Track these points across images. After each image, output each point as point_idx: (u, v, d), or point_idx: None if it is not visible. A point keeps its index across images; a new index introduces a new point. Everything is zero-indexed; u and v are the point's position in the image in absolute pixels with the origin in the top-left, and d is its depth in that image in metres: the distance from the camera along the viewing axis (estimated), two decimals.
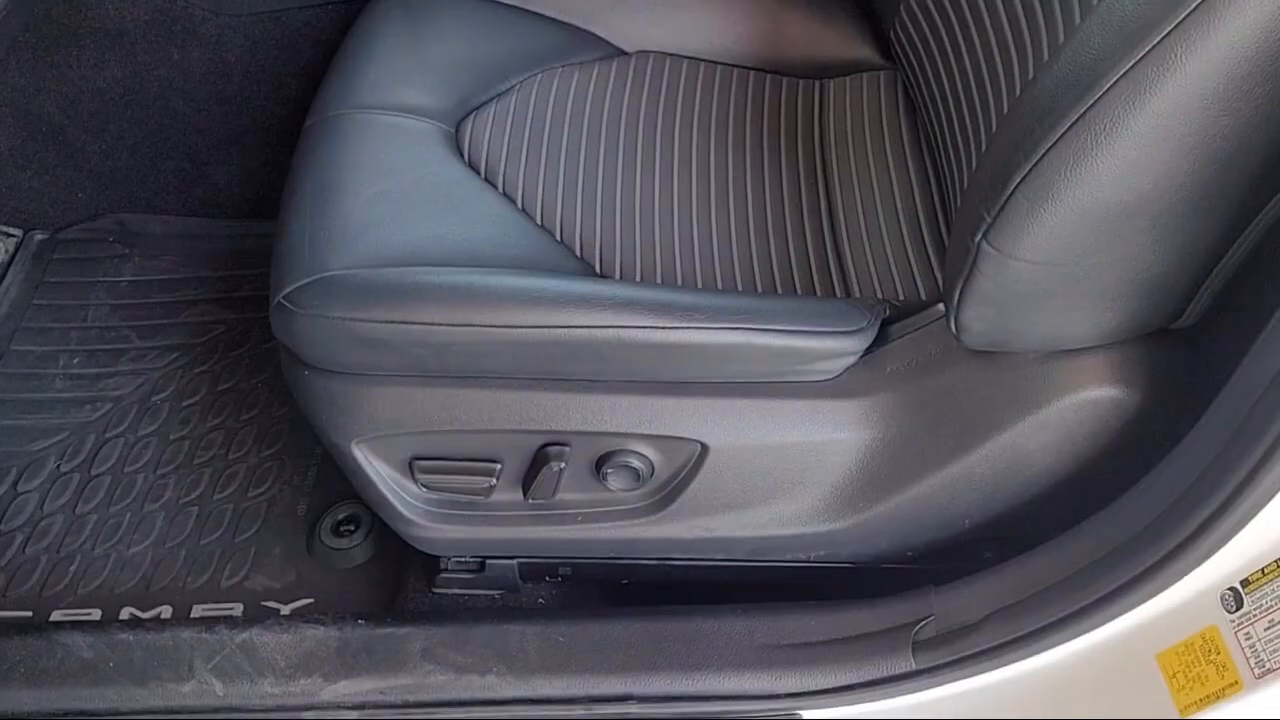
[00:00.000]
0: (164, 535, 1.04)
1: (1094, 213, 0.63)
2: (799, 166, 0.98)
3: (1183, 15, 0.57)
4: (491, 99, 1.00)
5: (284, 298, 0.79)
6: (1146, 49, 0.58)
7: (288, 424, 1.12)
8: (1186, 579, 0.68)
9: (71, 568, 1.02)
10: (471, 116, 0.98)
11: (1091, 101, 0.60)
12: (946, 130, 0.88)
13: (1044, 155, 0.62)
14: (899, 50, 1.01)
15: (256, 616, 0.93)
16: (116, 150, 1.26)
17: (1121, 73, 0.59)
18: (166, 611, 0.99)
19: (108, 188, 1.29)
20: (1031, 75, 0.74)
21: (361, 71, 0.98)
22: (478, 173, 0.93)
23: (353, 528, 1.03)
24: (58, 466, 1.10)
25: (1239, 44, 0.56)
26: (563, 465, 0.81)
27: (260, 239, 1.20)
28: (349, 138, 0.92)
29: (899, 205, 0.92)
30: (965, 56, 0.86)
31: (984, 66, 0.83)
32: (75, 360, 1.19)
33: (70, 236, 1.30)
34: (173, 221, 1.31)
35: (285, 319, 0.79)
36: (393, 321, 0.76)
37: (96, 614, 0.99)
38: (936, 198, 0.92)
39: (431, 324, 0.75)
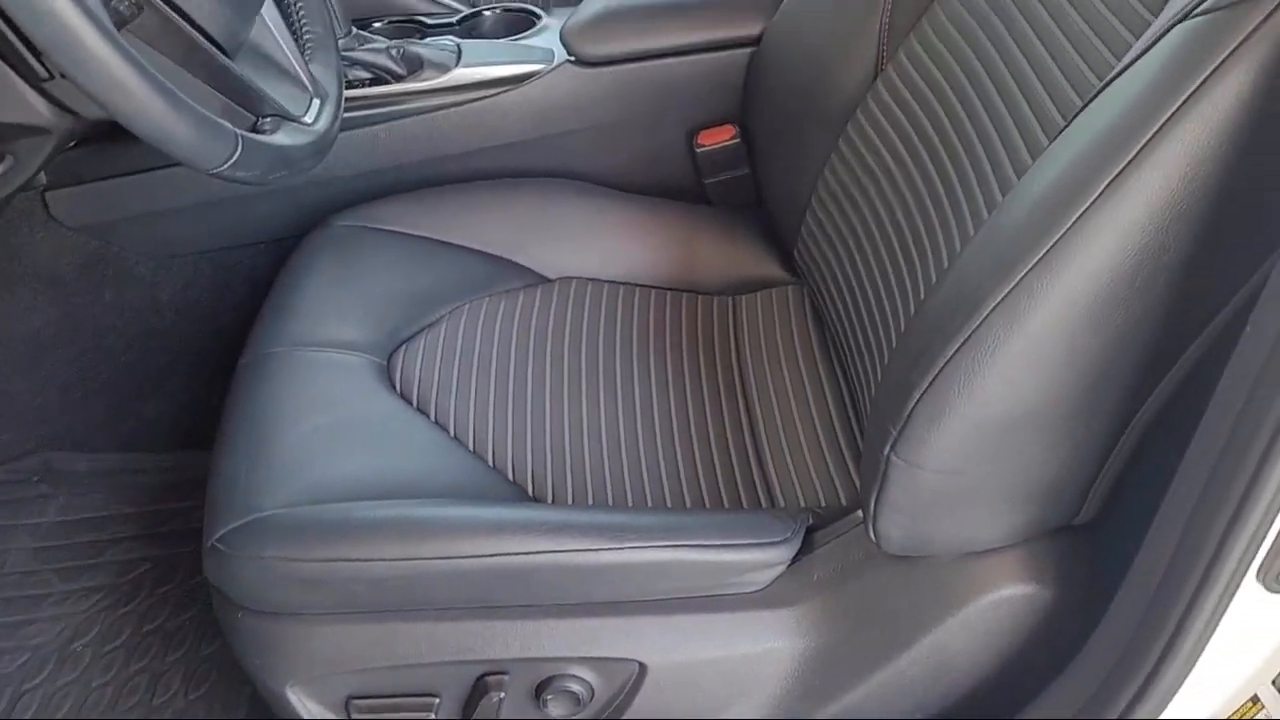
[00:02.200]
0: None
1: (987, 425, 0.68)
2: (718, 380, 1.03)
3: (1046, 248, 0.63)
4: (421, 330, 1.04)
5: (217, 540, 0.80)
6: (1017, 279, 0.64)
7: (215, 663, 1.10)
8: None
9: None
10: (402, 348, 1.02)
11: (974, 327, 0.66)
12: (852, 342, 0.95)
13: (937, 375, 0.67)
14: (802, 268, 1.09)
15: None
16: (46, 389, 1.27)
17: (998, 301, 0.65)
18: None
19: (34, 427, 1.29)
20: (922, 296, 0.81)
21: (294, 308, 1.02)
22: (410, 403, 0.96)
23: None
24: None
25: (1096, 274, 0.62)
26: (502, 695, 0.81)
27: (189, 471, 1.21)
28: (283, 375, 0.95)
29: (814, 414, 0.97)
30: (863, 276, 0.94)
31: (880, 286, 0.90)
32: None
33: None
34: (99, 458, 1.31)
35: (219, 562, 0.80)
36: (329, 560, 0.77)
37: None
38: (849, 404, 0.98)
39: (368, 559, 0.76)
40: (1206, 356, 0.70)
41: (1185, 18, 0.62)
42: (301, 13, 0.93)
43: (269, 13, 0.89)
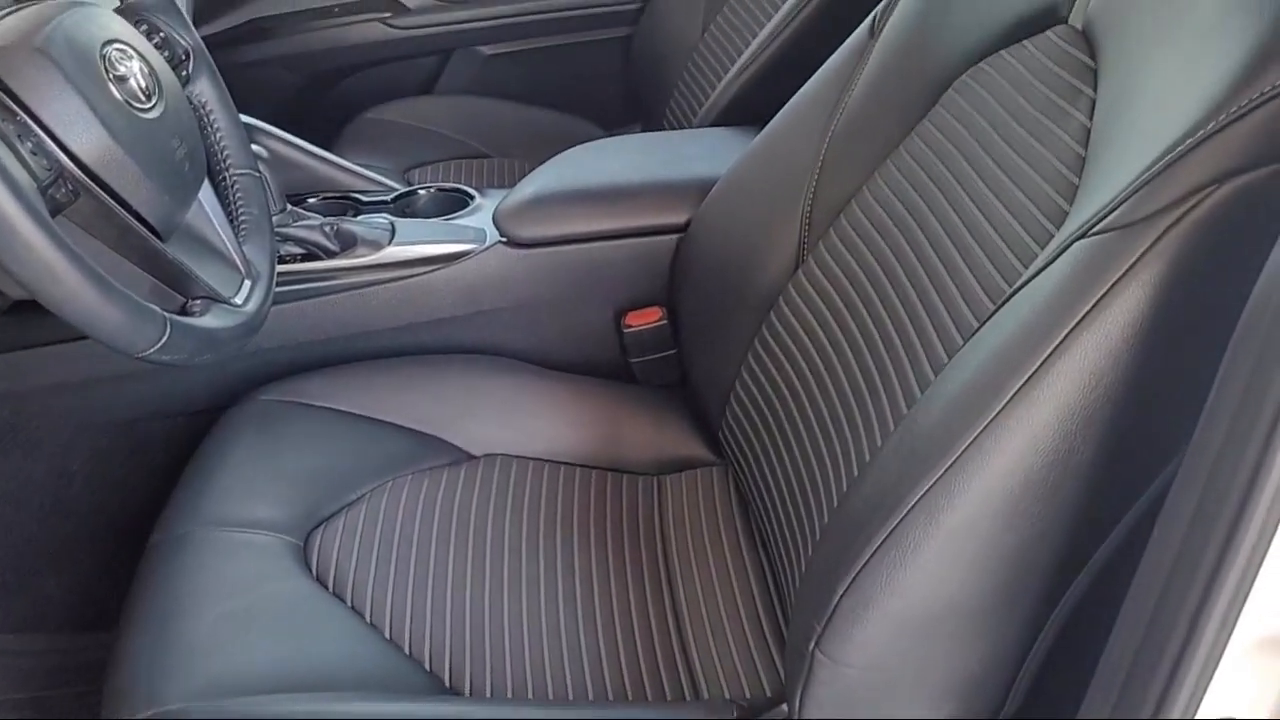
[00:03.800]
0: None
1: (911, 621, 0.69)
2: (642, 564, 1.02)
3: (961, 449, 0.66)
4: (341, 509, 1.02)
5: None
6: (935, 479, 0.66)
7: None
8: None
9: None
10: (321, 528, 1.00)
11: (895, 523, 0.67)
12: (776, 529, 0.95)
13: (860, 571, 0.68)
14: (727, 450, 1.10)
15: None
16: None
17: (917, 499, 0.67)
18: None
19: None
20: (845, 488, 0.82)
21: (211, 486, 1.00)
22: (326, 586, 0.94)
23: None
24: None
25: (1009, 475, 0.65)
26: None
27: (86, 654, 1.14)
28: (195, 556, 0.92)
29: (739, 601, 0.97)
30: (787, 463, 0.95)
31: (804, 474, 0.91)
32: None
33: None
34: None
35: None
36: None
37: None
38: (774, 591, 0.98)
39: None
40: (1121, 552, 0.72)
41: (1084, 235, 0.67)
42: (238, 195, 0.94)
43: (206, 195, 0.90)
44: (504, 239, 1.21)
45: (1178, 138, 0.63)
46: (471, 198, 1.32)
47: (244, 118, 1.24)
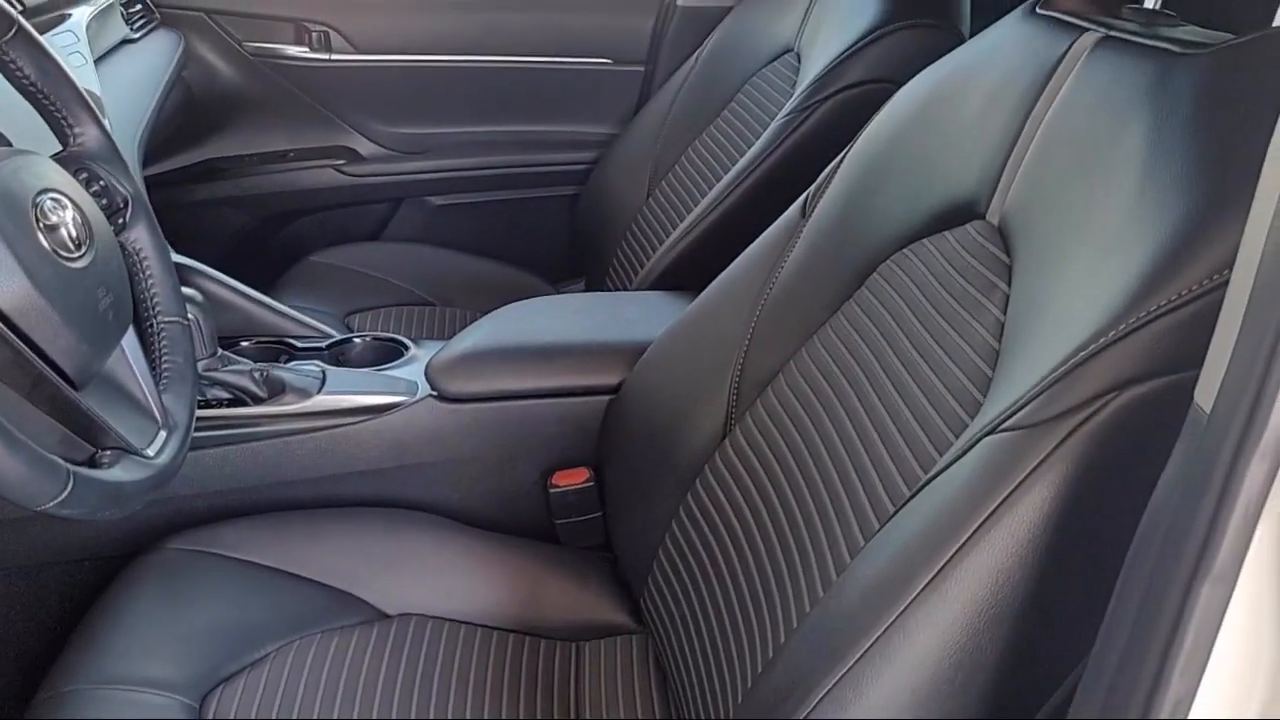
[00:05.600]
0: None
1: None
2: None
3: (870, 642, 0.65)
4: (243, 669, 0.98)
5: None
6: (843, 672, 0.65)
7: None
8: None
9: None
10: (220, 688, 0.95)
11: (805, 714, 0.66)
12: (692, 706, 0.93)
13: None
14: (649, 618, 1.08)
15: None
16: None
17: (825, 691, 0.66)
18: None
19: None
20: (759, 669, 0.81)
21: (106, 639, 0.96)
22: None
23: None
24: None
25: (918, 670, 0.64)
26: None
27: None
28: (80, 717, 0.87)
29: None
30: (705, 637, 0.94)
31: (720, 650, 0.90)
32: None
33: None
34: None
35: None
36: None
37: None
38: None
39: None
40: None
41: (994, 430, 0.68)
42: (164, 343, 0.93)
43: (129, 342, 0.89)
44: (435, 393, 1.20)
45: (1081, 342, 0.65)
46: (406, 348, 1.32)
47: (181, 259, 1.24)
